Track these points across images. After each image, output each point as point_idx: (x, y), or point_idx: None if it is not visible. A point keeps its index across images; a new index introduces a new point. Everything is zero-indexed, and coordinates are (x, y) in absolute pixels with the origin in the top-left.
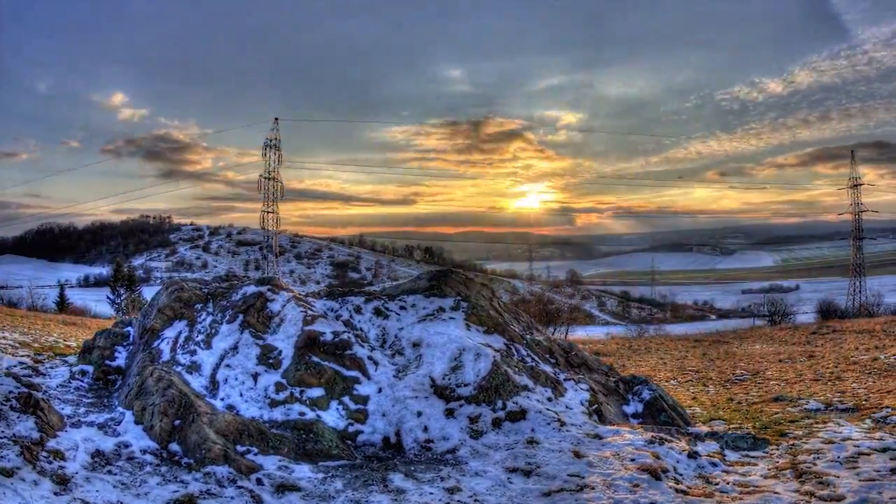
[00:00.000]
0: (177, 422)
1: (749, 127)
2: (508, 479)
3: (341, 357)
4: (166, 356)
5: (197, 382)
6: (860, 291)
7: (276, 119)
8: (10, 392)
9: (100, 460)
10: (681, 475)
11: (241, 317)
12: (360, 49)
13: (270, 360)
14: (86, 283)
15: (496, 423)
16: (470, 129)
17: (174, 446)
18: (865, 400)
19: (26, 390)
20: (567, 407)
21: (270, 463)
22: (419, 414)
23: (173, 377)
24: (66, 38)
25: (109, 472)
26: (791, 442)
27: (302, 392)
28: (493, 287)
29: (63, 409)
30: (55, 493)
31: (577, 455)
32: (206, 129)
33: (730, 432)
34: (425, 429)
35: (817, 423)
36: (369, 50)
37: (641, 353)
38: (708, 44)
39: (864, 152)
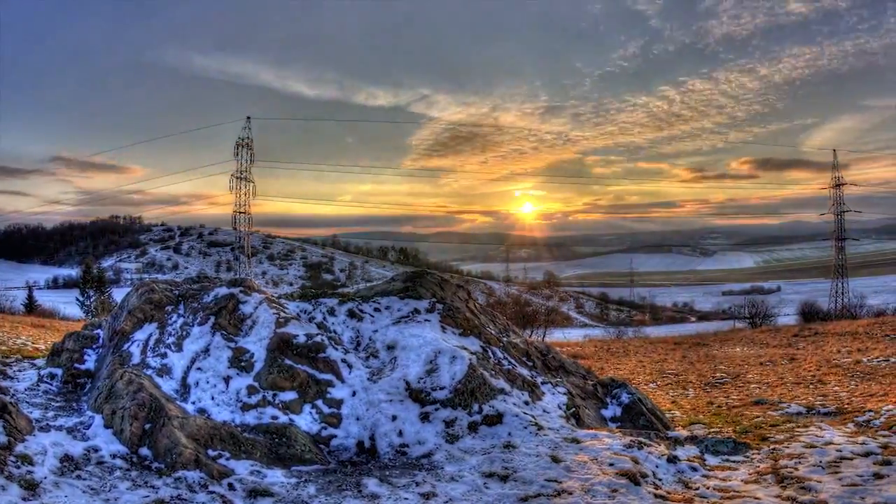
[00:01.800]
0: (147, 426)
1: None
2: (485, 484)
3: (315, 360)
4: (136, 359)
5: (168, 386)
6: (843, 293)
7: (249, 118)
8: None
9: (69, 465)
10: (660, 480)
11: (212, 319)
12: None
13: (242, 363)
14: (55, 284)
15: (472, 428)
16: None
17: (144, 451)
18: (848, 403)
19: None
20: (544, 411)
21: (242, 468)
22: (394, 418)
23: (144, 380)
24: None
25: (79, 476)
26: (772, 446)
27: (275, 395)
28: (470, 288)
29: (31, 412)
30: (24, 499)
31: (555, 460)
32: None
33: (710, 436)
34: (400, 433)
35: (799, 427)
36: None
37: (620, 356)
38: None
39: None
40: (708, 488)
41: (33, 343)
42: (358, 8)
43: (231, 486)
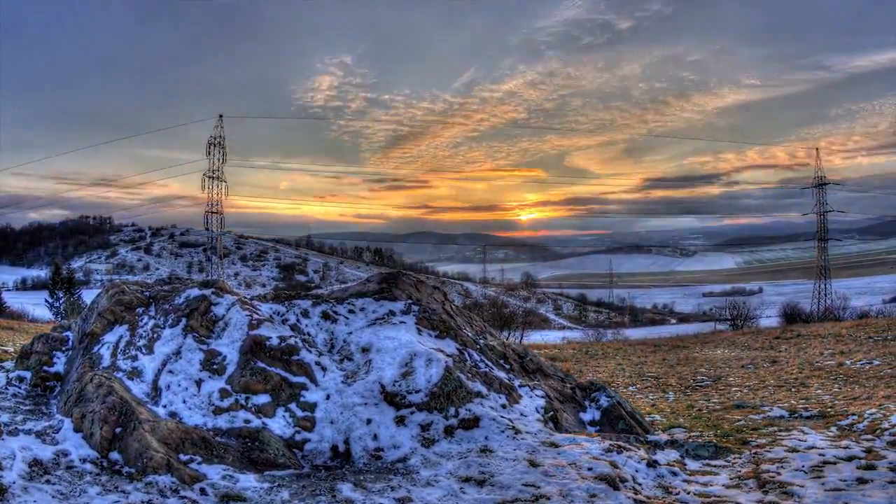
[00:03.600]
0: (117, 429)
1: None
2: (461, 488)
3: (288, 362)
4: (107, 362)
5: (138, 389)
6: (825, 294)
7: (221, 116)
8: None
9: (38, 469)
10: (640, 485)
11: (184, 321)
12: None
13: (215, 366)
14: (23, 286)
15: (449, 431)
16: None
17: (115, 455)
18: (831, 407)
19: None
20: (522, 414)
21: (215, 472)
22: (369, 421)
23: (114, 383)
24: None
25: (48, 481)
26: (754, 450)
27: (247, 399)
28: (446, 290)
29: (0, 416)
30: None
31: (533, 464)
32: None
33: (690, 440)
34: (375, 437)
35: (781, 430)
36: None
37: (599, 359)
38: None
39: None
40: (689, 493)
41: (1, 345)
42: None
43: (203, 491)
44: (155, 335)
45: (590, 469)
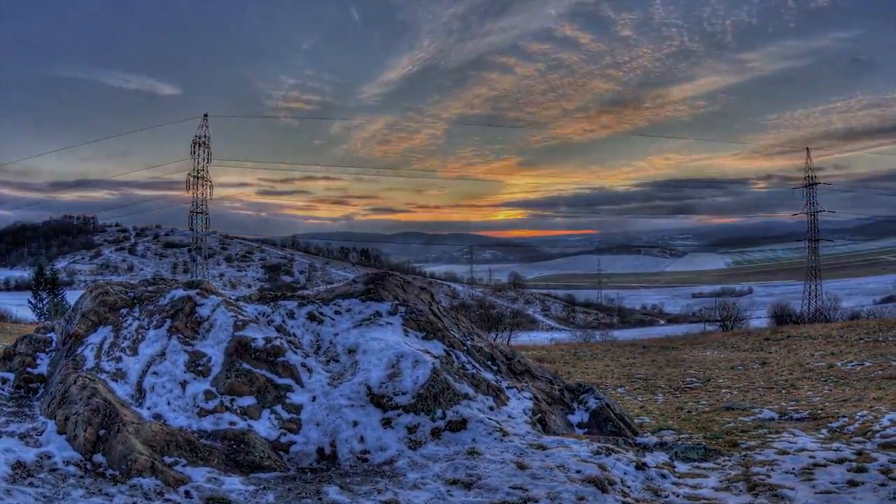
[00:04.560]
0: (101, 432)
1: None
2: (448, 491)
3: (274, 364)
4: (91, 363)
5: (123, 390)
6: (816, 295)
7: (206, 115)
8: None
9: (21, 472)
10: (628, 487)
11: (168, 322)
12: None
13: (199, 368)
14: (6, 286)
15: (435, 433)
16: None
17: (99, 457)
18: (821, 409)
19: None
20: (510, 416)
21: (199, 475)
22: (355, 423)
23: (98, 385)
24: None
25: (31, 484)
26: (744, 453)
27: (232, 401)
28: (433, 291)
29: None
30: None
31: (521, 466)
32: None
33: (680, 443)
34: (361, 439)
35: (771, 432)
36: None
37: (587, 360)
38: None
39: None
40: (678, 496)
41: None
42: None
43: (188, 494)
44: (139, 336)
45: (578, 472)
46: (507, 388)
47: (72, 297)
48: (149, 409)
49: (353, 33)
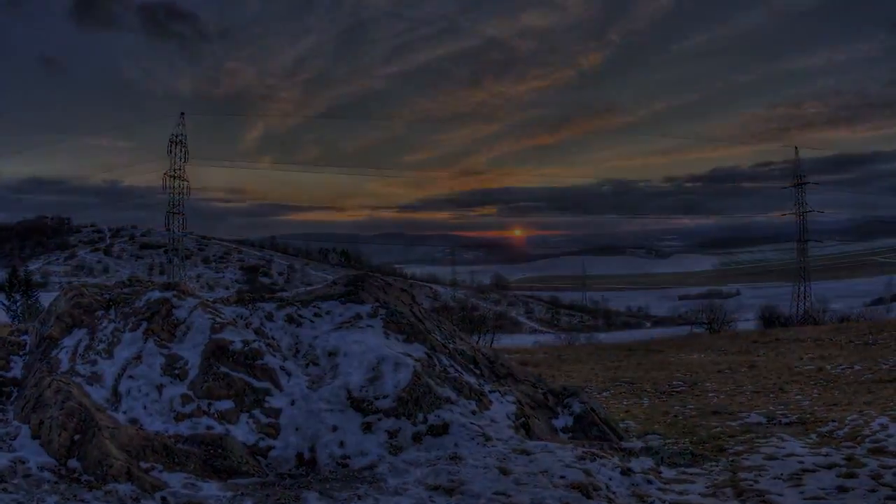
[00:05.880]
0: (76, 436)
1: None
2: (430, 497)
3: (252, 367)
4: (65, 366)
5: (98, 394)
6: (805, 297)
7: (183, 114)
8: None
9: None
10: (614, 493)
11: (144, 324)
12: None
13: (176, 371)
14: None
15: (417, 438)
16: None
17: (73, 462)
18: (810, 413)
19: None
20: (493, 420)
21: (176, 480)
22: (335, 428)
23: (73, 389)
24: None
25: (5, 490)
26: (731, 458)
27: (210, 404)
28: (414, 292)
29: None
30: None
31: (504, 472)
32: None
33: (666, 447)
34: (341, 444)
35: (759, 437)
36: None
37: (572, 363)
38: None
39: None
40: (664, 502)
41: None
42: None
43: (164, 500)
44: (115, 339)
45: (562, 477)
46: (490, 391)
47: (46, 299)
48: (125, 413)
49: None
